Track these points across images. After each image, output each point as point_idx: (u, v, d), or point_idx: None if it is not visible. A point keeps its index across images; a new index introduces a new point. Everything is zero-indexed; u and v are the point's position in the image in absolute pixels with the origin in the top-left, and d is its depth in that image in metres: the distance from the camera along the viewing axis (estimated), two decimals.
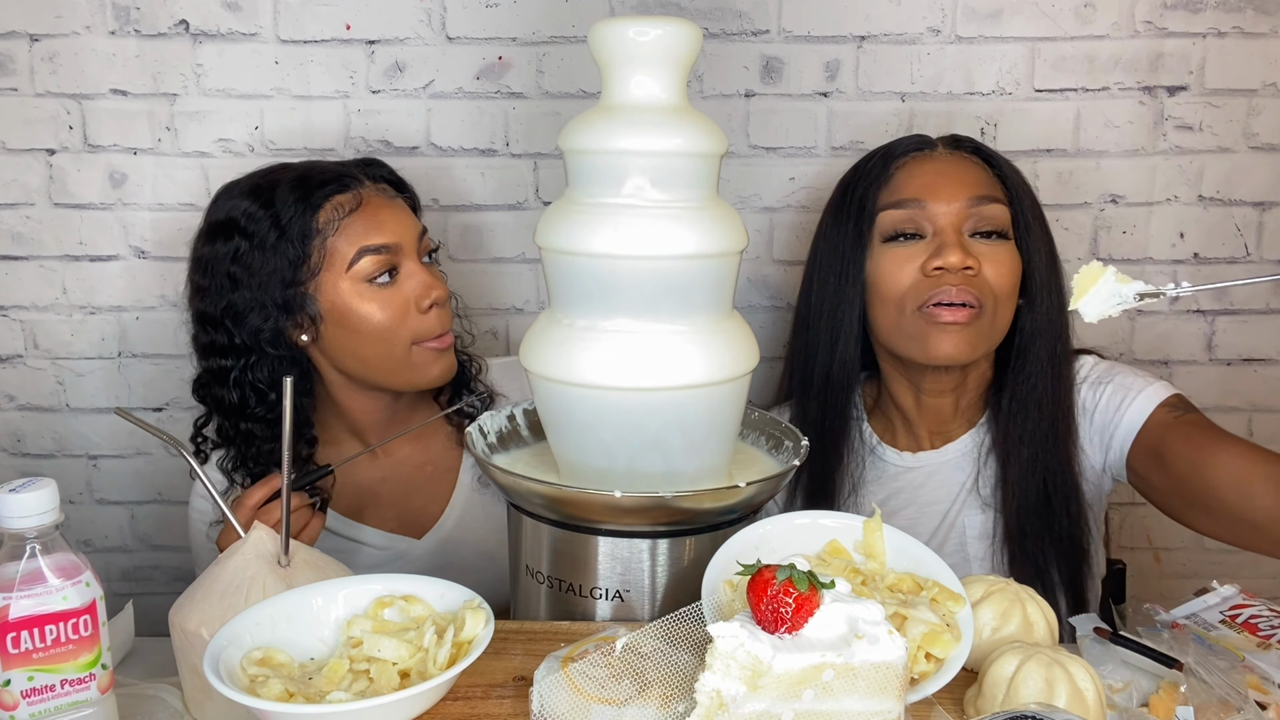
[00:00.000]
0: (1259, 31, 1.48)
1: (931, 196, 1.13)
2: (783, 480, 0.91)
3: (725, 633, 0.64)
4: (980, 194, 1.13)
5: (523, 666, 0.78)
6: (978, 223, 1.12)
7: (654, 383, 0.84)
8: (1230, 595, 0.93)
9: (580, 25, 1.46)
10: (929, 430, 1.22)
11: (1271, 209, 1.54)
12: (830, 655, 0.64)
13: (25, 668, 0.67)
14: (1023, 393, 1.15)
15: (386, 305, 1.13)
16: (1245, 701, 0.74)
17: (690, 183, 0.85)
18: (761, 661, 0.63)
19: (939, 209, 1.12)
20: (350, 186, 1.15)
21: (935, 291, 1.10)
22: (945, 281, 1.10)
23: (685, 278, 0.84)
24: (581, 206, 0.85)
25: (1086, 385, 1.17)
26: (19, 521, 0.67)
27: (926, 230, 1.13)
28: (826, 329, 1.19)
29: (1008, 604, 0.81)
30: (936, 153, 1.18)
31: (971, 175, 1.15)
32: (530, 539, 0.91)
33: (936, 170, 1.15)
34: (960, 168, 1.16)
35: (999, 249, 1.12)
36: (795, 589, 0.64)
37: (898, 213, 1.14)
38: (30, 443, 1.56)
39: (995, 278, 1.11)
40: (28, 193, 1.49)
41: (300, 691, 0.70)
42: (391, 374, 1.15)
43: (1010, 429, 1.15)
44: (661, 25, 0.83)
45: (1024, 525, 1.14)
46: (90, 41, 1.45)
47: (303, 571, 0.82)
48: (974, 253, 1.11)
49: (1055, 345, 1.15)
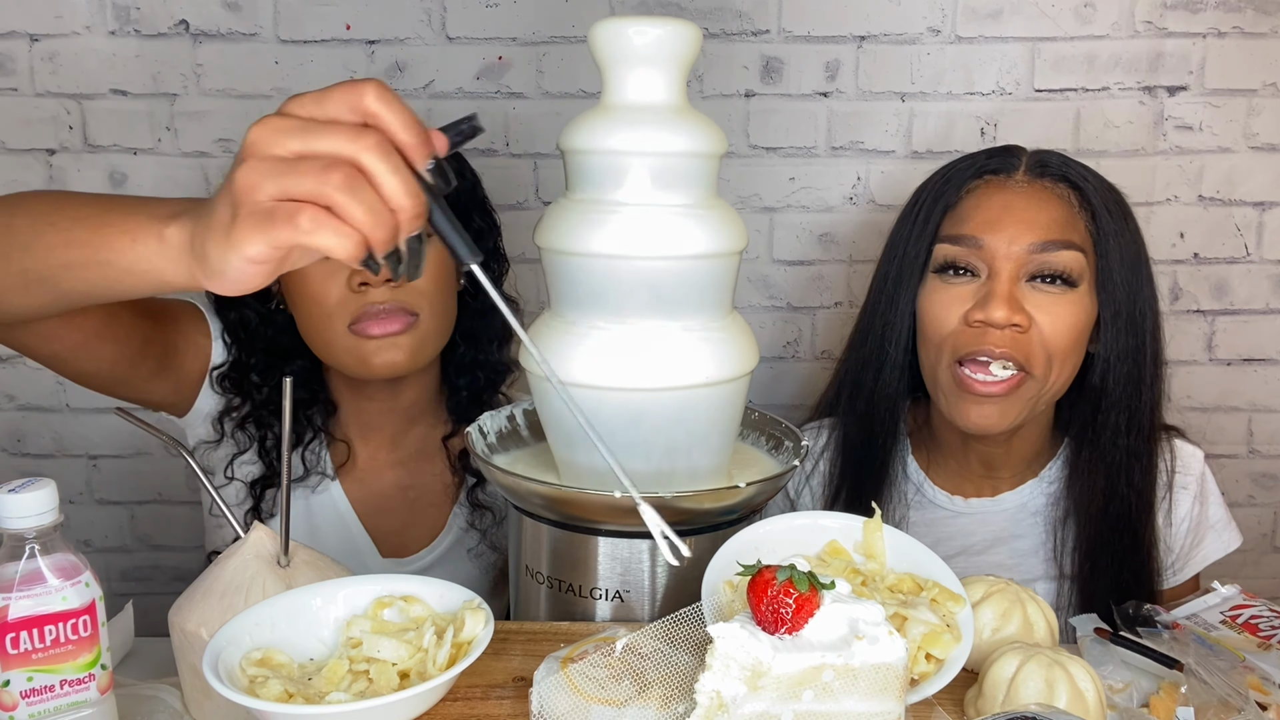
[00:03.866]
0: (1259, 31, 1.48)
1: (993, 233, 1.01)
2: (783, 480, 0.91)
3: (725, 633, 0.64)
4: (1050, 238, 1.00)
5: (523, 667, 0.78)
6: (1041, 268, 1.00)
7: (654, 383, 0.83)
8: (1231, 595, 0.93)
9: (580, 25, 1.46)
10: (981, 474, 1.12)
11: (1271, 209, 1.54)
12: (830, 656, 0.63)
13: (25, 668, 0.67)
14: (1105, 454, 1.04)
15: (318, 279, 1.06)
16: (1246, 702, 0.74)
17: (690, 183, 0.85)
18: (762, 662, 0.63)
19: (999, 250, 1.00)
20: None
21: (974, 349, 1.00)
22: (988, 338, 0.99)
23: (685, 278, 0.84)
24: (581, 206, 0.85)
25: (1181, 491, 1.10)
26: (19, 521, 0.67)
27: (981, 271, 1.02)
28: (874, 351, 1.10)
29: (1008, 604, 0.81)
30: (1014, 179, 1.05)
31: (1047, 213, 1.01)
32: (530, 539, 0.91)
33: (1005, 204, 1.02)
34: (1035, 202, 1.02)
35: (1062, 301, 1.00)
36: (796, 589, 0.64)
37: (953, 248, 1.03)
38: (30, 443, 1.56)
39: (1051, 335, 0.99)
40: None
41: (300, 692, 0.70)
42: (340, 363, 1.10)
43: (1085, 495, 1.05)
44: (661, 25, 0.83)
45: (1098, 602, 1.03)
46: (90, 41, 1.45)
47: (302, 572, 0.82)
48: (1029, 305, 0.99)
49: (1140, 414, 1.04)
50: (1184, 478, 1.11)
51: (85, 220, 0.69)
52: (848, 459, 1.12)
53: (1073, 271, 1.00)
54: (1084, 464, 1.06)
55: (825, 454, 1.17)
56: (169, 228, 0.64)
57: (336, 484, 1.18)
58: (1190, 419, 1.19)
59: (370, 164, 0.55)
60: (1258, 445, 1.62)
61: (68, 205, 0.72)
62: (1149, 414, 1.06)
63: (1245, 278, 1.56)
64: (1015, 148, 1.09)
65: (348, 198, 0.54)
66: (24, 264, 0.73)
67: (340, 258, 0.56)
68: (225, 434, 1.16)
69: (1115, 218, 1.03)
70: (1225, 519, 1.14)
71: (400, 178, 0.55)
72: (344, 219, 0.55)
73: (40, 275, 0.73)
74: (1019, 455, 1.10)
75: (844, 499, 1.12)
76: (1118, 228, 1.03)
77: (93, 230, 0.68)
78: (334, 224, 0.55)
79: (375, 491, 1.21)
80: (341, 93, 0.58)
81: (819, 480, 1.18)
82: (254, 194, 0.56)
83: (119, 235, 0.67)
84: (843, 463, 1.14)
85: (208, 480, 0.91)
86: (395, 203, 0.56)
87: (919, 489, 1.13)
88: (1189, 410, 1.58)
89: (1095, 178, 1.06)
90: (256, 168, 0.56)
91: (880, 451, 1.11)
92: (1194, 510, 1.12)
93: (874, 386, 1.10)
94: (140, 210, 0.67)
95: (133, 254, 0.66)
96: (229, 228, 0.57)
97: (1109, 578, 1.06)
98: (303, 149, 0.56)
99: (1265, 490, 1.63)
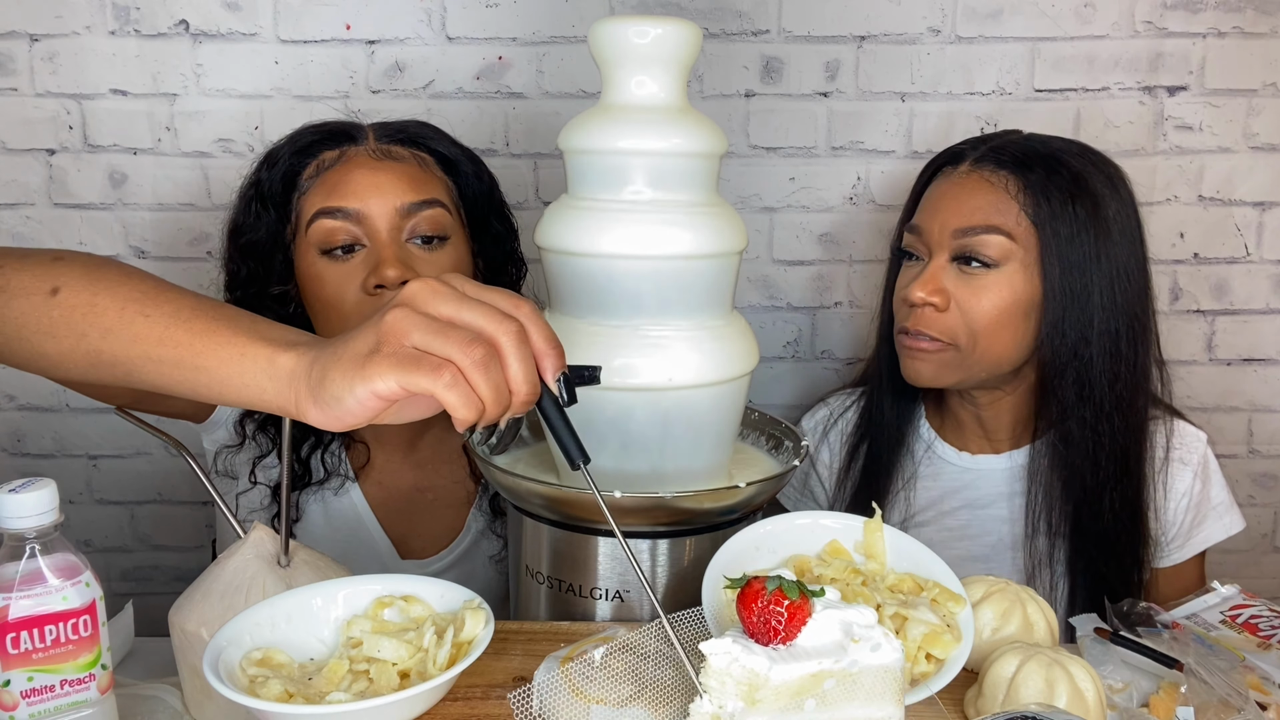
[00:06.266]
0: (1259, 31, 1.48)
1: (929, 220, 1.12)
2: (783, 480, 0.91)
3: (718, 649, 0.62)
4: (972, 224, 1.08)
5: (523, 667, 0.78)
6: (961, 250, 1.08)
7: (654, 382, 0.84)
8: (1231, 595, 0.94)
9: (580, 25, 1.46)
10: (980, 433, 1.20)
11: (1271, 209, 1.54)
12: (828, 663, 0.63)
13: (25, 668, 0.67)
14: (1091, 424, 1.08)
15: (334, 282, 1.04)
16: (1246, 702, 0.74)
17: (690, 183, 0.85)
18: (758, 675, 0.61)
19: (931, 235, 1.11)
20: (340, 143, 1.08)
21: (903, 324, 1.12)
22: (911, 315, 1.11)
23: (685, 278, 0.84)
24: (581, 206, 0.85)
25: (1180, 465, 1.14)
26: (19, 521, 0.66)
27: (924, 254, 1.13)
28: (888, 327, 1.20)
29: (1008, 604, 0.81)
30: (958, 170, 1.13)
31: (973, 202, 1.09)
32: (530, 539, 0.91)
33: (943, 193, 1.12)
34: (966, 191, 1.10)
35: (982, 279, 1.07)
36: (786, 598, 0.63)
37: (909, 235, 1.15)
38: (30, 443, 1.56)
39: (971, 310, 1.08)
40: (28, 193, 1.49)
41: (300, 692, 0.70)
42: None
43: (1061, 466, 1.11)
44: (661, 25, 0.83)
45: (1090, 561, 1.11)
46: (90, 41, 1.45)
47: (302, 571, 0.82)
48: (951, 284, 1.08)
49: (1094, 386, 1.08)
50: (1184, 454, 1.15)
51: (186, 323, 0.68)
52: (871, 420, 1.22)
53: (991, 253, 1.07)
54: (1060, 431, 1.11)
55: (846, 414, 1.28)
56: (285, 354, 0.65)
57: (356, 486, 1.18)
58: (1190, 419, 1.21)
59: (506, 347, 0.62)
60: (1258, 445, 1.62)
61: (161, 299, 0.70)
62: (1110, 387, 1.08)
63: (1245, 278, 1.56)
64: (972, 140, 1.16)
65: (482, 372, 0.60)
66: (100, 347, 0.71)
67: (457, 418, 0.61)
68: (247, 436, 1.16)
69: (1060, 201, 1.06)
70: (1228, 502, 1.16)
71: (525, 366, 0.62)
72: (473, 388, 0.61)
73: (115, 360, 0.71)
74: (1008, 419, 1.17)
75: (862, 455, 1.22)
76: (1060, 211, 1.06)
77: (195, 335, 0.68)
78: (465, 388, 0.60)
79: (393, 493, 1.20)
80: (503, 293, 0.65)
81: (837, 435, 1.28)
82: (402, 338, 0.61)
83: (225, 348, 0.67)
84: (866, 424, 1.25)
85: (208, 480, 0.91)
86: (515, 385, 0.62)
87: (929, 446, 1.22)
88: (1189, 410, 1.57)
89: (1052, 162, 1.09)
90: (410, 317, 0.61)
91: (900, 415, 1.21)
92: (1194, 488, 1.14)
93: (890, 356, 1.19)
94: (248, 329, 0.67)
95: (236, 368, 0.67)
96: (365, 360, 0.61)
97: (1099, 542, 1.10)
98: (454, 315, 0.62)
99: (1265, 490, 1.63)
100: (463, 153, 1.16)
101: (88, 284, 0.72)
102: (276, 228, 1.10)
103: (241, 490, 1.17)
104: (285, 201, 1.10)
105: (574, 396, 0.66)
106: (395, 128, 1.14)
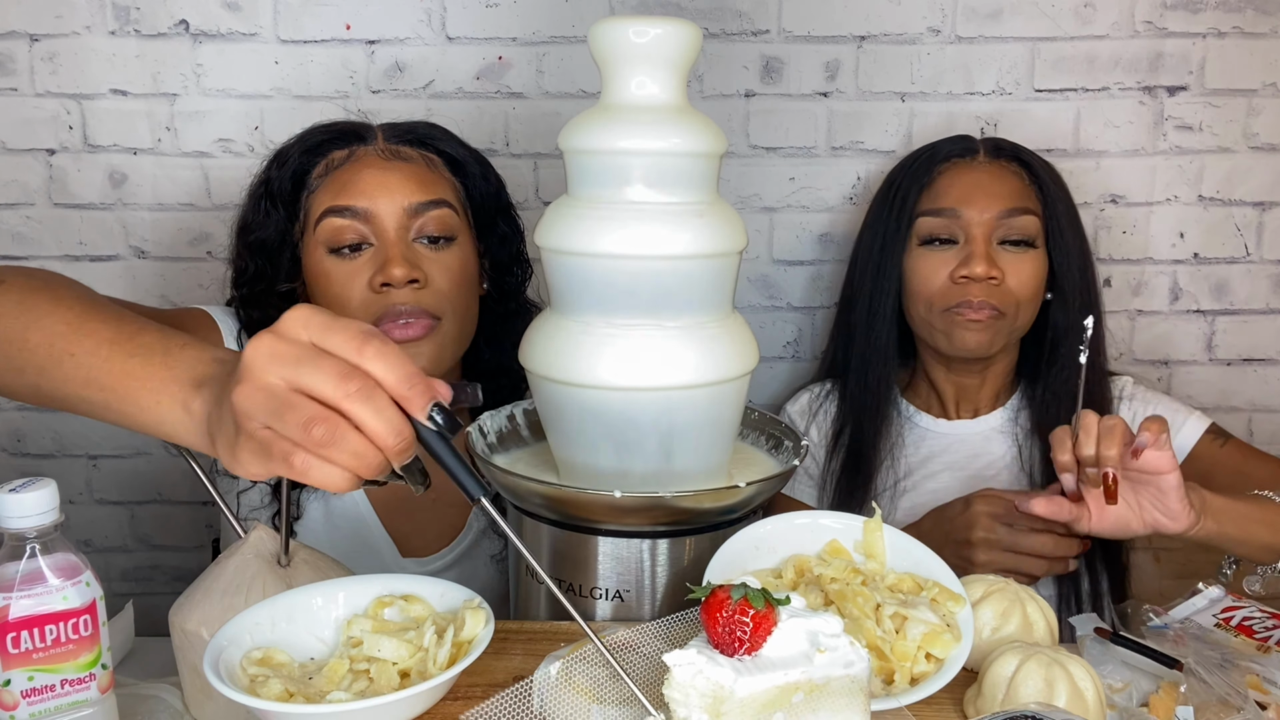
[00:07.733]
0: (1259, 31, 1.48)
1: (967, 205, 1.22)
2: (783, 480, 0.91)
3: (682, 660, 0.61)
4: (1013, 206, 1.22)
5: (523, 666, 0.78)
6: (1008, 232, 1.22)
7: (654, 382, 0.84)
8: (1218, 597, 0.93)
9: (580, 25, 1.46)
10: (960, 401, 1.31)
11: (1271, 209, 1.54)
12: (794, 674, 0.62)
13: (25, 668, 0.67)
14: (1057, 384, 1.24)
15: (341, 280, 1.05)
16: (1245, 701, 0.74)
17: (690, 183, 0.85)
18: (723, 687, 0.60)
19: (973, 218, 1.22)
20: (350, 142, 1.09)
21: (961, 299, 1.21)
22: (970, 291, 1.20)
23: (685, 278, 0.84)
24: (581, 206, 0.85)
25: (1124, 403, 1.26)
26: (19, 521, 0.67)
27: (959, 237, 1.23)
28: (865, 313, 1.29)
29: (1007, 604, 0.81)
30: (977, 161, 1.26)
31: (1007, 186, 1.23)
32: (530, 539, 0.91)
33: (974, 181, 1.24)
34: (998, 177, 1.24)
35: (1025, 258, 1.22)
36: (751, 607, 0.62)
37: (935, 220, 1.23)
38: (30, 443, 1.56)
39: (1018, 286, 1.21)
40: (28, 193, 1.49)
41: (300, 691, 0.70)
42: None
43: (1046, 418, 1.23)
44: (661, 25, 0.83)
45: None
46: (90, 41, 1.45)
47: (302, 571, 0.82)
48: (1001, 263, 1.21)
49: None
50: (1129, 391, 1.29)
51: (107, 362, 0.69)
52: (851, 403, 1.31)
53: (1032, 233, 1.23)
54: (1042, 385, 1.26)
55: (830, 398, 1.37)
56: (195, 401, 0.65)
57: None
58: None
59: (353, 411, 0.58)
60: (1258, 445, 1.61)
61: (85, 331, 0.71)
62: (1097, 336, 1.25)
63: (1245, 278, 1.56)
64: (969, 136, 1.31)
65: (330, 449, 0.57)
66: (38, 383, 0.72)
67: (334, 491, 0.59)
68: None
69: (1059, 187, 1.26)
70: (1175, 407, 1.26)
71: (382, 419, 0.58)
72: (331, 462, 0.58)
73: (54, 397, 0.72)
74: (990, 386, 1.30)
75: (845, 443, 1.31)
76: (1060, 195, 1.26)
77: (116, 377, 0.68)
78: (322, 465, 0.58)
79: (394, 492, 1.19)
80: (347, 335, 0.59)
81: (824, 416, 1.36)
82: (248, 422, 0.59)
83: (143, 393, 0.67)
84: (848, 407, 1.33)
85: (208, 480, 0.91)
86: (380, 441, 0.58)
87: (909, 419, 1.33)
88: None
89: (1036, 157, 1.28)
90: (252, 397, 0.58)
91: (876, 395, 1.30)
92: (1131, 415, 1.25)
93: (867, 340, 1.29)
94: (161, 362, 0.67)
95: (156, 415, 0.67)
96: (234, 445, 0.60)
97: None
98: (294, 380, 0.58)
99: None
100: (471, 154, 1.17)
101: (20, 315, 0.73)
102: (285, 226, 1.11)
103: (242, 489, 1.17)
104: (294, 200, 1.11)
105: (455, 424, 0.61)
106: (404, 128, 1.15)
